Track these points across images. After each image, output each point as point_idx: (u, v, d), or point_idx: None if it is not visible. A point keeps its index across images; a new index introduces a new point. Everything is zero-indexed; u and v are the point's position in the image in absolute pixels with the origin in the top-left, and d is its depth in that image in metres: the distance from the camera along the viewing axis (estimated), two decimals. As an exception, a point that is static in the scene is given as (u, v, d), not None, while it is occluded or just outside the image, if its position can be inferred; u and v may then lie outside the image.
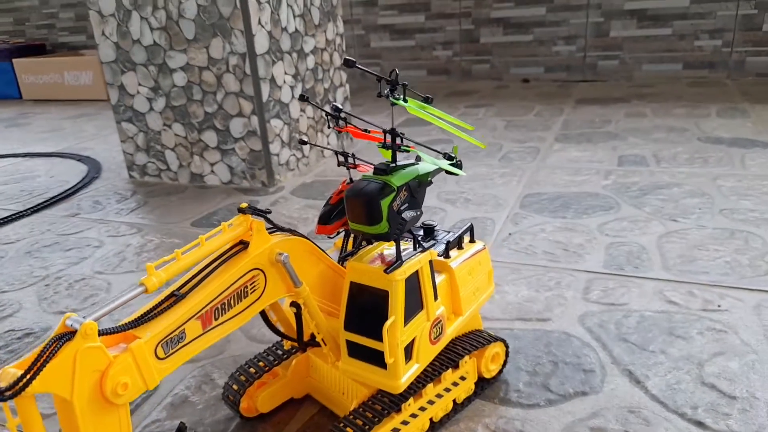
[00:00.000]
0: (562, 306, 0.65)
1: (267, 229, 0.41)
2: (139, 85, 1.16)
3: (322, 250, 0.46)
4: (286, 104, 1.15)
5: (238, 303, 0.39)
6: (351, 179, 0.54)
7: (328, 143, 1.32)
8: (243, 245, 0.40)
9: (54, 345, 0.29)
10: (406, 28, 2.16)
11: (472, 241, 0.53)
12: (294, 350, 0.53)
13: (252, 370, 0.51)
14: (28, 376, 0.28)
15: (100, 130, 1.81)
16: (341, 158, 0.55)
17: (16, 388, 0.28)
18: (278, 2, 1.09)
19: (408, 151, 0.43)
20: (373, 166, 0.54)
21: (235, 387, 0.50)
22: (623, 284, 0.69)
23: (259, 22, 1.05)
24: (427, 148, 0.46)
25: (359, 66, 0.41)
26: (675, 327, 0.60)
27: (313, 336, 0.46)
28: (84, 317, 0.31)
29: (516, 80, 2.07)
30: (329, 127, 0.53)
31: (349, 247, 0.53)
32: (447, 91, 2.00)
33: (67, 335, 0.30)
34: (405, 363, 0.43)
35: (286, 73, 1.14)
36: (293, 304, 0.43)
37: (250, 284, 0.39)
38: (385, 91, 0.42)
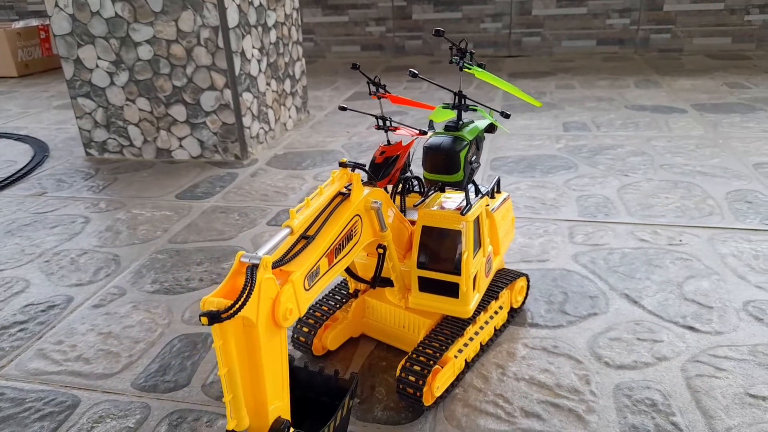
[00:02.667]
0: (555, 249, 0.75)
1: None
2: (99, 59, 1.12)
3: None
4: (255, 77, 1.16)
5: (347, 244, 0.44)
6: (389, 141, 0.60)
7: (289, 116, 1.35)
8: (343, 196, 0.45)
9: (252, 276, 0.33)
10: (339, 4, 2.19)
11: (498, 191, 0.61)
12: (350, 295, 0.58)
13: (318, 314, 0.56)
14: (239, 303, 0.32)
15: (24, 108, 1.69)
16: (380, 122, 0.60)
17: (231, 312, 0.32)
18: (245, -25, 1.10)
19: (475, 110, 0.50)
20: (408, 128, 0.61)
21: (305, 329, 0.55)
22: (600, 228, 0.80)
23: (230, -5, 1.06)
24: (484, 106, 0.53)
25: (446, 37, 0.47)
26: (651, 259, 0.72)
27: (385, 278, 0.52)
28: (257, 254, 0.35)
29: (447, 56, 2.17)
30: (370, 94, 0.58)
31: (397, 201, 0.59)
32: (384, 67, 2.06)
33: (251, 268, 0.34)
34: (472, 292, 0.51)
35: (253, 47, 1.15)
36: (380, 246, 0.49)
37: (353, 228, 0.45)
38: (455, 58, 0.48)
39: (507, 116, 0.51)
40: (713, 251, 0.73)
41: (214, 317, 0.32)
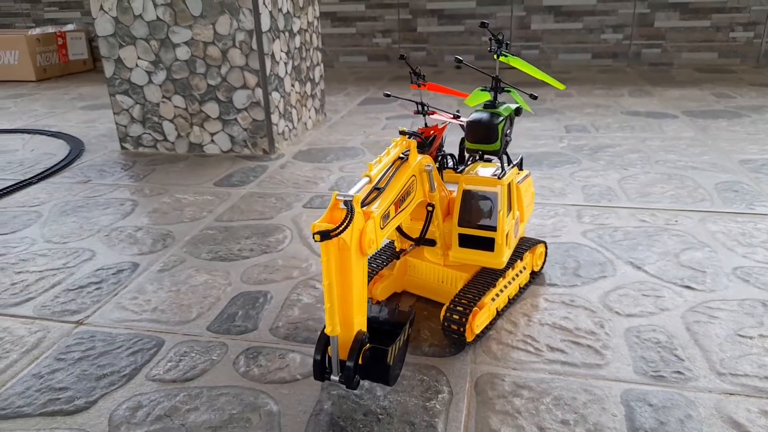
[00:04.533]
0: (566, 227, 0.85)
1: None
2: (139, 58, 1.21)
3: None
4: (282, 78, 1.26)
5: (406, 198, 0.53)
6: (426, 123, 0.69)
7: (309, 117, 1.44)
8: (401, 160, 0.54)
9: (352, 207, 0.42)
10: (348, 16, 2.30)
11: (521, 169, 0.71)
12: (395, 255, 0.67)
13: (368, 270, 0.65)
14: (344, 225, 0.41)
15: (50, 109, 1.77)
16: (419, 107, 0.70)
17: (338, 231, 0.41)
18: (276, -16, 1.20)
19: (509, 92, 0.59)
20: (443, 112, 0.70)
21: (358, 283, 0.64)
22: (604, 212, 0.90)
23: (263, 2, 1.15)
24: (516, 88, 0.62)
25: (489, 29, 0.57)
26: (651, 235, 0.81)
27: (427, 239, 0.61)
28: (350, 193, 0.44)
29: (450, 66, 2.28)
30: (413, 83, 0.67)
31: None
32: (390, 76, 2.16)
33: (348, 203, 0.43)
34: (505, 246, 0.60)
35: (281, 51, 1.25)
36: (429, 205, 0.58)
37: (411, 186, 0.54)
38: (494, 47, 0.58)
39: (534, 98, 0.61)
40: (705, 229, 0.82)
41: (325, 235, 0.40)
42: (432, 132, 0.69)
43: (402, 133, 0.54)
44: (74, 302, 0.69)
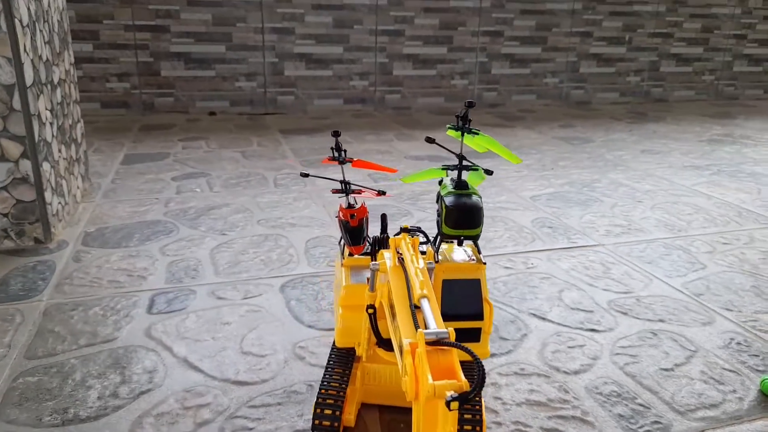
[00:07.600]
0: (453, 287, 0.84)
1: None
2: None
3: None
4: (50, 144, 0.97)
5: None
6: (349, 204, 0.61)
7: (78, 186, 1.15)
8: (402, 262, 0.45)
9: (473, 353, 0.32)
10: (76, 57, 1.93)
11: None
12: (351, 365, 0.56)
13: (330, 400, 0.53)
14: (481, 380, 0.31)
15: None
16: (343, 186, 0.61)
17: (477, 390, 0.31)
18: (33, 26, 0.93)
19: (476, 170, 0.55)
20: (367, 190, 0.63)
21: (328, 412, 0.51)
22: (471, 264, 0.92)
23: (24, 49, 0.87)
24: (478, 167, 0.59)
25: (468, 111, 0.52)
26: (525, 282, 0.86)
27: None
28: (439, 330, 0.34)
29: (203, 113, 2.11)
30: (334, 158, 0.59)
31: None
32: (139, 125, 1.89)
33: (462, 346, 0.33)
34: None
35: (46, 108, 0.97)
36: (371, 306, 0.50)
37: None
38: (459, 125, 0.53)
39: (490, 173, 0.58)
40: (558, 268, 0.91)
41: (464, 399, 0.30)
42: (364, 213, 0.61)
43: (404, 230, 0.46)
44: None
